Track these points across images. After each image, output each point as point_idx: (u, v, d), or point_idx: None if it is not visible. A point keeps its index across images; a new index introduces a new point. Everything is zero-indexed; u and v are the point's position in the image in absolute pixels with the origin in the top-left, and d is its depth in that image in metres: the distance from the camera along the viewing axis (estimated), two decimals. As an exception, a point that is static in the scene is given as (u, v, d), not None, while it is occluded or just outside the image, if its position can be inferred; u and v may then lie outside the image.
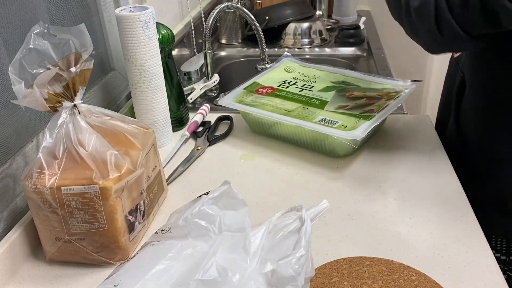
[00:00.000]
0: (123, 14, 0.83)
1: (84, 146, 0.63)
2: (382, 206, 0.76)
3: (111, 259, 0.67)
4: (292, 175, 0.85)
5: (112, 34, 1.04)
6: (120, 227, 0.65)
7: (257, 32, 1.29)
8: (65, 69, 0.62)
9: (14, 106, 0.73)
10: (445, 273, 0.63)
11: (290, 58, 1.13)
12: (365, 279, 0.62)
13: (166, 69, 0.96)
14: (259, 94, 0.98)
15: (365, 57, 1.49)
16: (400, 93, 0.93)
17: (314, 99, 0.94)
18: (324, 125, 0.85)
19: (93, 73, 0.68)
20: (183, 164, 0.90)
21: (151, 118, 0.92)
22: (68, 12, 0.90)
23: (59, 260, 0.68)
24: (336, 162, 0.88)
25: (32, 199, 0.63)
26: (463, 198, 0.77)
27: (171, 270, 0.53)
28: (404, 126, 0.98)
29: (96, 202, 0.62)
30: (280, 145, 0.95)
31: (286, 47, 1.55)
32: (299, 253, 0.54)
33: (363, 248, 0.68)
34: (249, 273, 0.53)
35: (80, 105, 0.65)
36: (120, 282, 0.51)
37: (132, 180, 0.66)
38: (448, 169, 0.84)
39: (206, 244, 0.55)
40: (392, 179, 0.82)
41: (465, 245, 0.67)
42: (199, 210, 0.57)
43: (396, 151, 0.90)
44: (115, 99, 1.04)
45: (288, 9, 1.55)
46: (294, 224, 0.60)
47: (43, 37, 0.60)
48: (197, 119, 1.02)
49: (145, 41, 0.85)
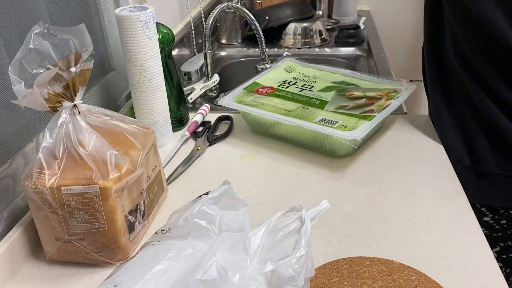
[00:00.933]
0: (123, 14, 0.83)
1: (84, 146, 0.63)
2: (382, 206, 0.76)
3: (111, 259, 0.67)
4: (292, 175, 0.85)
5: (112, 34, 1.04)
6: (120, 227, 0.65)
7: (257, 32, 1.29)
8: (65, 69, 0.62)
9: (14, 106, 0.73)
10: (445, 273, 0.63)
11: (290, 58, 1.13)
12: (365, 279, 0.62)
13: (166, 69, 0.96)
14: (259, 94, 0.98)
15: (365, 57, 1.50)
16: (400, 93, 0.93)
17: (314, 99, 0.94)
18: (324, 125, 0.85)
19: (93, 73, 0.68)
20: (183, 164, 0.90)
21: (151, 118, 0.92)
22: (68, 12, 0.90)
23: (59, 260, 0.68)
24: (336, 162, 0.88)
25: (32, 199, 0.63)
26: (463, 198, 0.77)
27: (171, 270, 0.53)
28: (404, 126, 0.98)
29: (96, 202, 0.62)
30: (280, 145, 0.95)
31: (286, 47, 1.55)
32: (299, 253, 0.54)
33: (363, 248, 0.68)
34: (249, 273, 0.53)
35: (80, 105, 0.65)
36: (120, 282, 0.51)
37: (132, 180, 0.66)
38: (448, 169, 0.84)
39: (206, 244, 0.55)
40: (392, 179, 0.82)
41: (465, 245, 0.67)
42: (199, 210, 0.57)
43: (396, 151, 0.90)
44: (115, 99, 1.04)
45: (288, 9, 1.55)
46: (294, 224, 0.60)
47: (43, 37, 0.60)
48: (197, 119, 1.02)
49: (145, 41, 0.85)
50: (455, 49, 0.82)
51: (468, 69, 0.80)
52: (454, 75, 0.85)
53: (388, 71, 1.31)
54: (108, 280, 0.53)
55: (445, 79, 0.88)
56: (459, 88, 0.85)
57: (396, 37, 1.97)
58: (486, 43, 0.76)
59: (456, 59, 0.82)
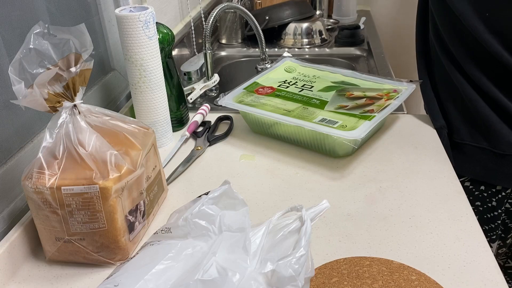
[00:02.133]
0: (123, 14, 0.83)
1: (84, 146, 0.63)
2: (382, 206, 0.76)
3: (111, 259, 0.67)
4: (292, 175, 0.85)
5: (112, 34, 1.04)
6: (120, 227, 0.65)
7: (257, 32, 1.29)
8: (65, 69, 0.62)
9: (14, 106, 0.73)
10: (445, 273, 0.63)
11: (290, 58, 1.13)
12: (365, 279, 0.62)
13: (166, 69, 0.96)
14: (259, 94, 0.98)
15: (365, 57, 1.50)
16: (400, 93, 0.93)
17: (314, 99, 0.94)
18: (324, 125, 0.85)
19: (93, 73, 0.68)
20: (183, 164, 0.90)
21: (151, 118, 0.92)
22: (68, 12, 0.90)
23: (59, 260, 0.68)
24: (336, 162, 0.88)
25: (32, 199, 0.63)
26: (463, 198, 0.77)
27: (171, 270, 0.53)
28: (404, 126, 0.98)
29: (96, 202, 0.62)
30: (280, 145, 0.95)
31: (286, 47, 1.55)
32: (299, 253, 0.54)
33: (363, 248, 0.68)
34: (249, 273, 0.53)
35: (80, 105, 0.65)
36: (120, 282, 0.51)
37: (132, 180, 0.66)
38: (448, 169, 0.84)
39: (206, 244, 0.55)
40: (392, 179, 0.82)
41: (465, 245, 0.67)
42: (199, 210, 0.57)
43: (396, 151, 0.90)
44: (115, 99, 1.04)
45: (288, 9, 1.55)
46: (294, 224, 0.60)
47: (43, 37, 0.60)
48: (197, 119, 1.02)
49: (145, 41, 0.85)
50: (436, 36, 0.95)
51: (446, 54, 0.93)
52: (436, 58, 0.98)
53: (388, 71, 1.31)
54: (108, 280, 0.53)
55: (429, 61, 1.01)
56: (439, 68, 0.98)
57: (396, 37, 1.97)
58: (461, 32, 0.88)
59: (437, 45, 0.95)
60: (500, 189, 0.95)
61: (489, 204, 0.97)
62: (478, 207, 0.98)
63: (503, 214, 0.98)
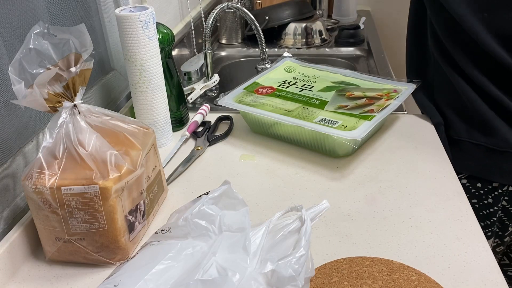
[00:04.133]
0: (123, 14, 0.83)
1: (84, 146, 0.63)
2: (382, 206, 0.76)
3: (111, 259, 0.67)
4: (292, 175, 0.85)
5: (112, 34, 1.04)
6: (120, 227, 0.65)
7: (257, 32, 1.29)
8: (65, 69, 0.62)
9: (14, 106, 0.73)
10: (445, 273, 0.63)
11: (290, 58, 1.13)
12: (365, 279, 0.62)
13: (166, 69, 0.96)
14: (259, 94, 0.98)
15: (365, 57, 1.50)
16: (400, 93, 0.93)
17: (314, 99, 0.94)
18: (324, 125, 0.85)
19: (93, 73, 0.68)
20: (183, 164, 0.90)
21: (151, 118, 0.92)
22: (68, 12, 0.90)
23: (59, 260, 0.68)
24: (336, 162, 0.88)
25: (32, 199, 0.63)
26: (463, 198, 0.77)
27: (171, 270, 0.53)
28: (404, 126, 0.98)
29: (96, 202, 0.62)
30: (280, 145, 0.95)
31: (286, 47, 1.55)
32: (299, 253, 0.54)
33: (363, 248, 0.68)
34: (249, 273, 0.53)
35: (80, 105, 0.65)
36: (120, 282, 0.51)
37: (132, 180, 0.66)
38: (448, 169, 0.84)
39: (206, 244, 0.55)
40: (392, 179, 0.82)
41: (465, 245, 0.67)
42: (199, 210, 0.57)
43: (396, 151, 0.90)
44: (115, 99, 1.04)
45: (288, 9, 1.55)
46: (294, 224, 0.60)
47: (43, 37, 0.60)
48: (197, 119, 1.02)
49: (145, 41, 0.85)
50: (434, 39, 0.96)
51: (444, 54, 0.94)
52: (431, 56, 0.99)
53: (388, 71, 1.31)
54: (108, 280, 0.53)
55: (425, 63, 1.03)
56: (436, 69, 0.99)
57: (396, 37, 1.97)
58: (458, 31, 0.89)
59: (435, 47, 0.96)
60: (497, 186, 0.95)
61: (485, 201, 0.97)
62: (474, 205, 0.98)
63: (500, 211, 0.98)
